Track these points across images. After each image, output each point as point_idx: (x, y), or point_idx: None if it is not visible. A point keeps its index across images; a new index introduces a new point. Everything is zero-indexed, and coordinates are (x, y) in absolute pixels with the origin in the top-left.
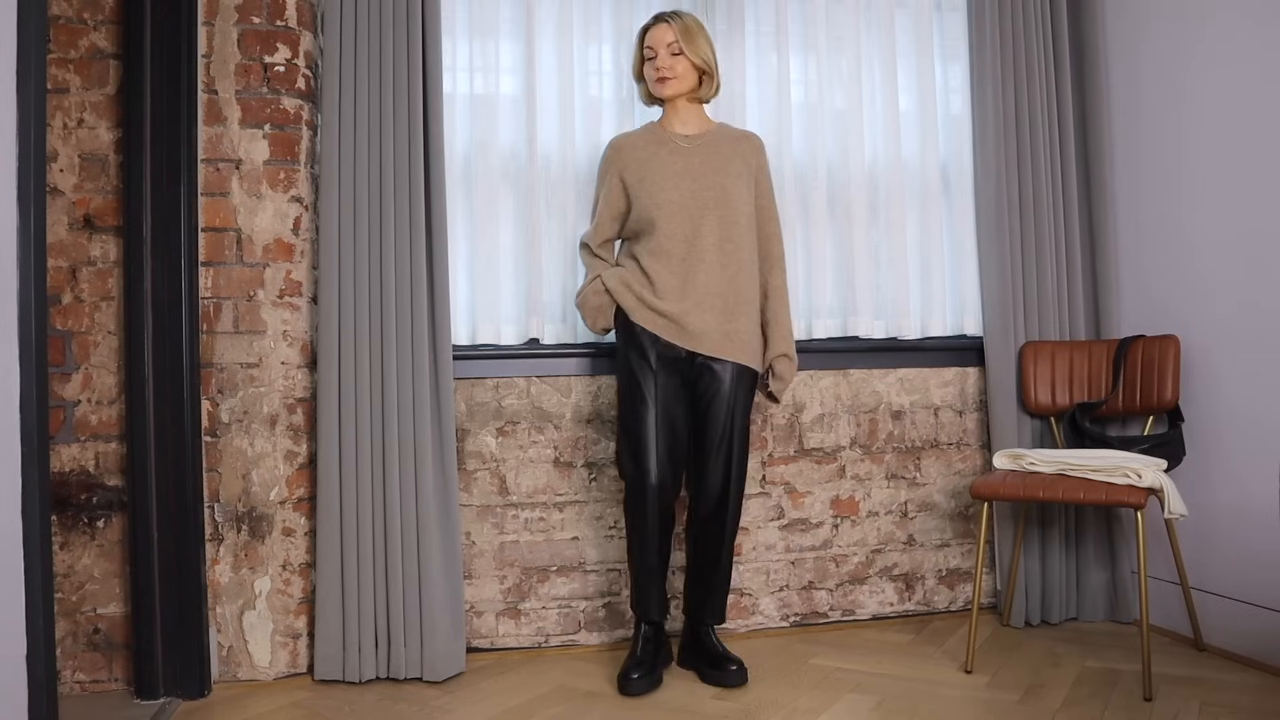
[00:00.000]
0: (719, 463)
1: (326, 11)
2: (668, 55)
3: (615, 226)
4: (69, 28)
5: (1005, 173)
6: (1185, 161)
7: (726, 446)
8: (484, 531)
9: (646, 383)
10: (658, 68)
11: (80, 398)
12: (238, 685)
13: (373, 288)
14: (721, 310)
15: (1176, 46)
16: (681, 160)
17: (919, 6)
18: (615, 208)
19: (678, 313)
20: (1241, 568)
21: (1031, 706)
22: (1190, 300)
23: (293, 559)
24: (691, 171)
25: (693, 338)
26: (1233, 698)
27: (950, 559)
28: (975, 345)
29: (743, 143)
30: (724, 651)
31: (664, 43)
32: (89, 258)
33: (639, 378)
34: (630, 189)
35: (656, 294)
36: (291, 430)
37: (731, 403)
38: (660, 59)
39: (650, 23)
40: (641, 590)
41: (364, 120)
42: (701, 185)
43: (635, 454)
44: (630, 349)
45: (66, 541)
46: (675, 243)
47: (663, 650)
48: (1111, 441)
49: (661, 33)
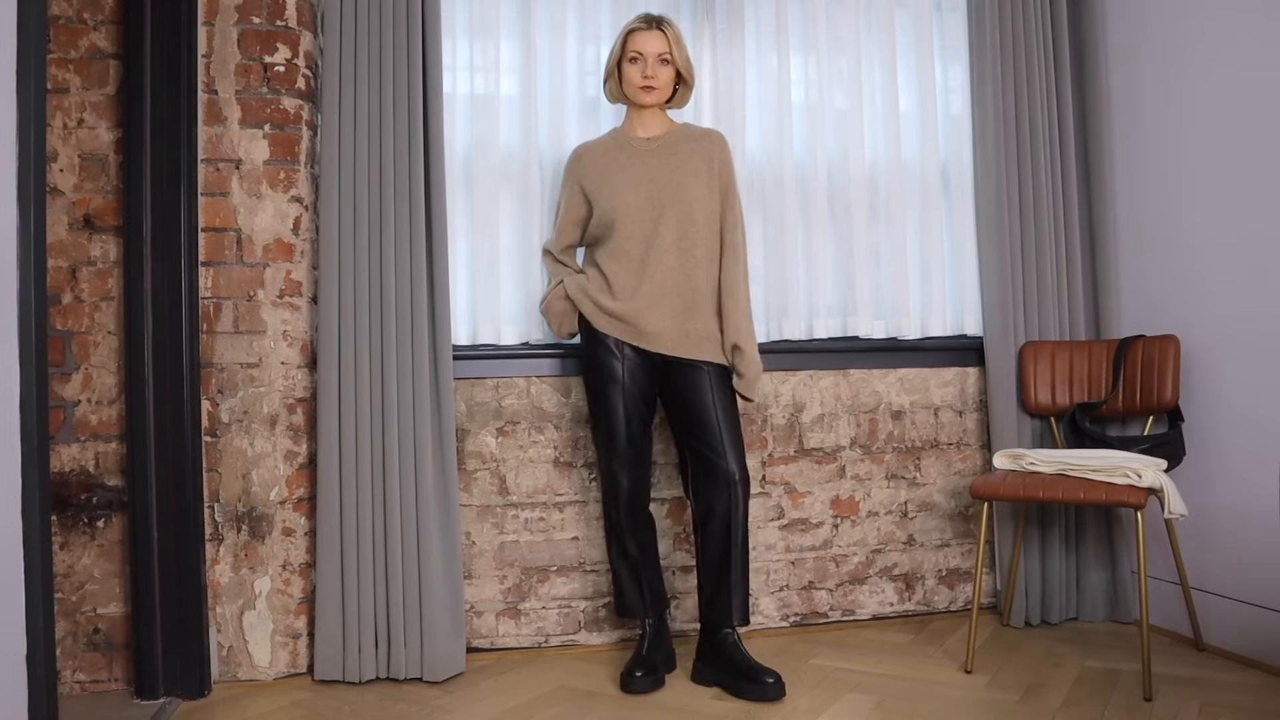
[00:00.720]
0: (715, 457)
1: (326, 11)
2: (657, 63)
3: (576, 232)
4: (69, 28)
5: (1005, 173)
6: (1185, 161)
7: (718, 440)
8: (484, 531)
9: (611, 387)
10: (645, 75)
11: (80, 398)
12: (238, 685)
13: (373, 288)
14: (681, 309)
15: (1176, 46)
16: (640, 162)
17: (919, 6)
18: (575, 213)
19: (633, 313)
20: (1241, 568)
21: (1031, 706)
22: (1190, 300)
23: (293, 559)
24: (650, 172)
25: (650, 338)
26: (1233, 698)
27: (950, 559)
28: (975, 345)
29: (702, 140)
30: (755, 662)
31: (655, 51)
32: (89, 258)
33: (603, 382)
34: (590, 194)
35: (614, 295)
36: (291, 430)
37: (710, 398)
38: (649, 67)
39: (639, 25)
40: (624, 589)
41: (364, 120)
42: (658, 185)
43: (604, 457)
44: (594, 354)
45: (66, 541)
46: (633, 243)
47: (665, 650)
48: (1111, 441)
49: (654, 40)
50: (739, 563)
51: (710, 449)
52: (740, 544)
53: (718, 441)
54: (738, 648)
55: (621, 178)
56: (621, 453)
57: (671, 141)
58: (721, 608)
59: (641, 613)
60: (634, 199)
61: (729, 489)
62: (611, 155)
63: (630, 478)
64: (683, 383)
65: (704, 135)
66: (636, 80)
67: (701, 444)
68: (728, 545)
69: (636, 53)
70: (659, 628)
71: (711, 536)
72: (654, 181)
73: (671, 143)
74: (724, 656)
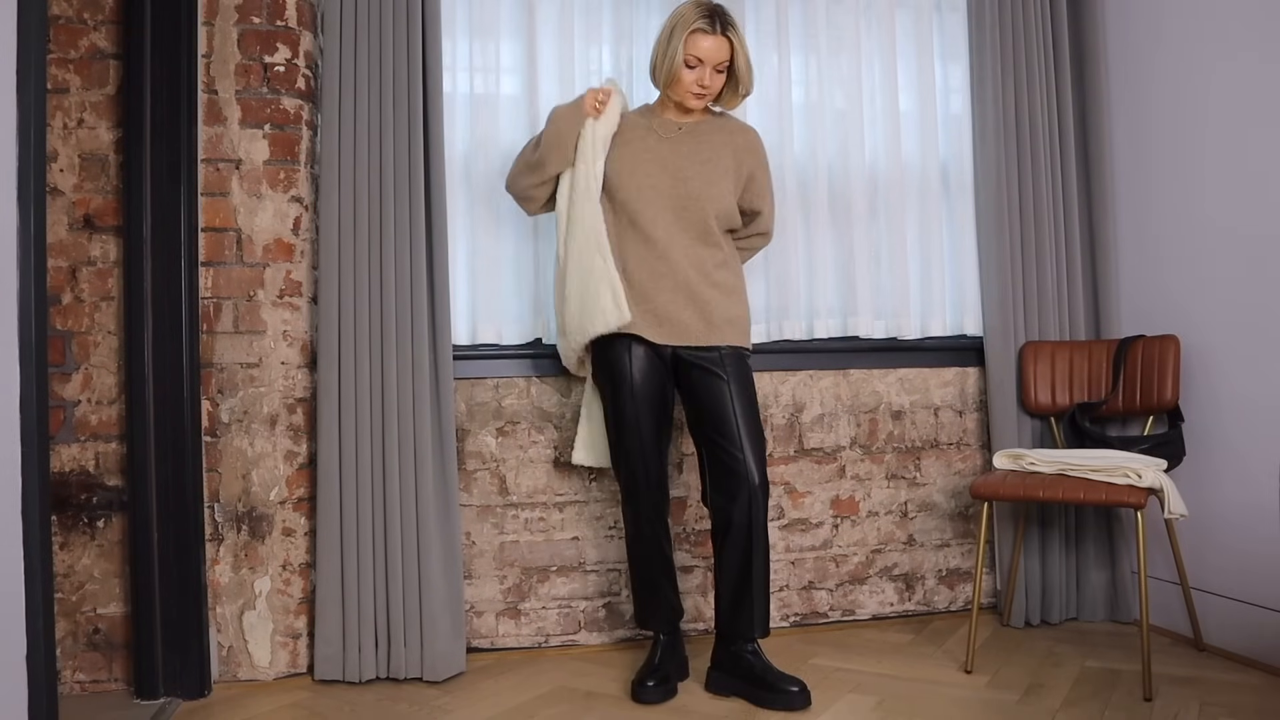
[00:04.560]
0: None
1: (326, 11)
2: (714, 73)
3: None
4: (69, 28)
5: (1005, 173)
6: (1186, 161)
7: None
8: (484, 531)
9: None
10: (703, 85)
11: (80, 398)
12: (238, 685)
13: (373, 288)
14: (700, 301)
15: (1177, 46)
16: (668, 147)
17: (919, 6)
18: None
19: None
20: (1241, 568)
21: (1031, 706)
22: (1190, 300)
23: (293, 559)
24: (676, 159)
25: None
26: (1233, 698)
27: (950, 559)
28: (975, 345)
29: (738, 135)
30: (779, 671)
31: (716, 60)
32: (89, 258)
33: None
34: (608, 167)
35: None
36: (291, 430)
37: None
38: (706, 75)
39: (703, 25)
40: (645, 605)
41: (364, 120)
42: (683, 173)
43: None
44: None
45: (66, 541)
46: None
47: (678, 658)
48: (1112, 441)
49: (718, 49)
50: (760, 575)
51: (724, 442)
52: (761, 556)
53: (734, 433)
54: (758, 656)
55: (648, 161)
56: (635, 456)
57: (703, 131)
58: (743, 620)
59: (667, 628)
60: (658, 184)
61: (749, 496)
62: (641, 134)
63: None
64: (697, 374)
65: (740, 131)
66: (691, 86)
67: (715, 437)
68: (749, 558)
69: (696, 59)
70: (672, 636)
71: (731, 547)
72: (680, 170)
73: (703, 132)
74: (744, 666)
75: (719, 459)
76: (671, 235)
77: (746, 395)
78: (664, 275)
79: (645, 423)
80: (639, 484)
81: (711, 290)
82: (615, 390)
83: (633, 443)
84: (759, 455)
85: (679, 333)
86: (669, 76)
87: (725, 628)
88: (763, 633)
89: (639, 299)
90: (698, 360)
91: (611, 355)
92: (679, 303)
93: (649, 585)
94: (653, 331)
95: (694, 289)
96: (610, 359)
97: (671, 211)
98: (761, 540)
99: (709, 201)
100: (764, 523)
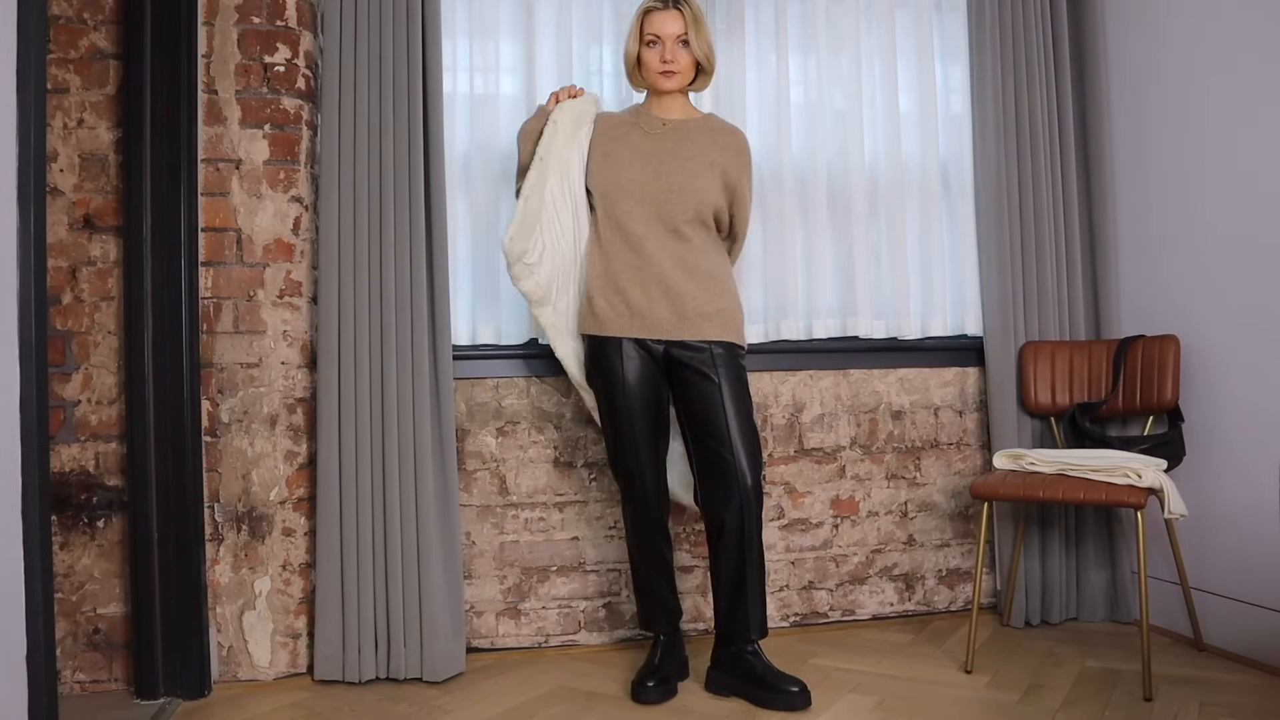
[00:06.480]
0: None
1: (326, 11)
2: (675, 46)
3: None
4: (69, 28)
5: (1005, 173)
6: (1186, 161)
7: (728, 438)
8: (484, 531)
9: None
10: (664, 60)
11: (80, 398)
12: (238, 685)
13: (373, 288)
14: (674, 294)
15: (1177, 46)
16: (652, 144)
17: (919, 6)
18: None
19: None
20: (1241, 568)
21: (1031, 706)
22: (1190, 300)
23: (293, 559)
24: (659, 155)
25: (652, 325)
26: (1233, 698)
27: (950, 559)
28: (975, 345)
29: (723, 136)
30: (779, 671)
31: (673, 33)
32: (89, 258)
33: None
34: (592, 162)
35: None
36: (291, 430)
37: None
38: (667, 50)
39: (655, 4)
40: (648, 606)
41: (364, 120)
42: (665, 170)
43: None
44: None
45: (66, 541)
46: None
47: (678, 658)
48: (1112, 441)
49: (671, 21)
50: (754, 578)
51: (714, 440)
52: (755, 558)
53: (724, 430)
54: (758, 656)
55: (629, 155)
56: (631, 457)
57: (689, 130)
58: (740, 623)
59: (668, 629)
60: (639, 178)
61: (741, 500)
62: (624, 131)
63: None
64: (686, 371)
65: (727, 132)
66: (655, 65)
67: (706, 435)
68: (742, 562)
69: (654, 35)
70: (672, 636)
71: (725, 551)
72: (661, 165)
73: (688, 131)
74: (744, 666)
75: (711, 462)
76: (649, 228)
77: (740, 396)
78: (639, 269)
79: (640, 422)
80: (636, 484)
81: (689, 284)
82: (609, 390)
83: (629, 443)
84: (753, 458)
85: (650, 326)
86: (635, 60)
87: (724, 628)
88: (760, 634)
89: (614, 292)
90: (689, 361)
91: (604, 355)
92: (651, 295)
93: (646, 585)
94: (624, 325)
95: (669, 282)
96: (603, 359)
97: (651, 205)
98: (755, 544)
99: (690, 194)
100: (758, 526)
